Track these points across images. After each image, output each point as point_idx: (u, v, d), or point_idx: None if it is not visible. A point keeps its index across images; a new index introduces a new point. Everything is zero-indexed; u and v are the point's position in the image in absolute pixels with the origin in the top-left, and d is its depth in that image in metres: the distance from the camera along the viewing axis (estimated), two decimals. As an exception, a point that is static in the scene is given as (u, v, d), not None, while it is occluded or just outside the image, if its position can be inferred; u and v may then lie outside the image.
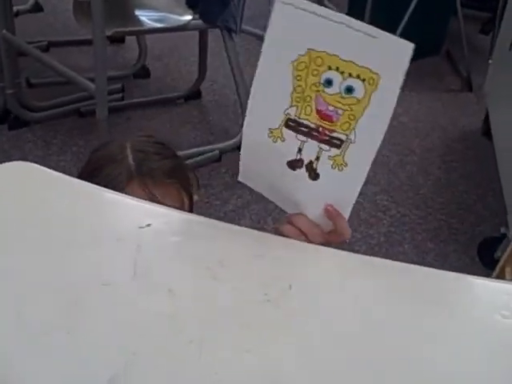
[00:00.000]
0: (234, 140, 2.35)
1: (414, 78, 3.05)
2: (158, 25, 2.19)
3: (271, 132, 0.61)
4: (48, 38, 3.08)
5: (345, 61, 0.54)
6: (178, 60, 2.98)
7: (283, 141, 0.61)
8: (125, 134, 2.47)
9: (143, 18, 2.27)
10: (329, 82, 0.57)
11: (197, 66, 2.64)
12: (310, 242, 0.66)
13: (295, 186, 0.63)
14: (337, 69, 0.55)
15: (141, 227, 0.62)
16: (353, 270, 0.63)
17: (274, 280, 0.56)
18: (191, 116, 2.61)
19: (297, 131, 0.60)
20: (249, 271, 0.58)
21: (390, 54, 0.54)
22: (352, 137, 0.58)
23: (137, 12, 2.30)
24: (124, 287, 0.55)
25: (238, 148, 2.08)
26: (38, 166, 0.77)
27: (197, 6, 2.24)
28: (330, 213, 0.64)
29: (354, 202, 0.63)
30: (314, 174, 0.62)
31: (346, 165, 0.60)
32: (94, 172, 0.95)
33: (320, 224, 0.65)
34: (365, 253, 1.62)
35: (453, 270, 1.60)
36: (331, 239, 0.66)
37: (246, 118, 0.62)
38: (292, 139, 0.60)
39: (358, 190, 0.62)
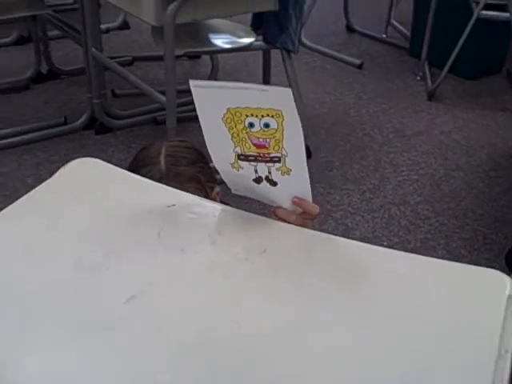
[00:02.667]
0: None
1: (471, 97, 3.20)
2: (225, 46, 2.46)
3: (232, 165, 0.85)
4: (133, 53, 3.42)
5: (255, 108, 0.77)
6: (246, 75, 3.24)
7: (242, 169, 0.85)
8: (196, 143, 2.74)
9: (214, 40, 2.55)
10: (251, 125, 0.79)
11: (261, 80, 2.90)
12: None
13: (266, 193, 0.86)
14: (252, 114, 0.78)
15: (168, 206, 0.86)
16: (313, 242, 0.85)
17: (255, 246, 0.79)
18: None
19: (248, 160, 0.84)
20: (238, 239, 0.81)
21: (279, 97, 0.76)
22: (284, 152, 0.81)
23: (210, 35, 2.58)
24: (150, 246, 0.79)
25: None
26: (100, 160, 1.04)
27: (260, 28, 2.49)
28: (296, 202, 0.87)
29: (309, 188, 0.85)
30: (273, 183, 0.86)
31: (291, 170, 0.83)
32: (134, 171, 1.20)
33: (294, 210, 0.88)
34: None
35: None
36: (306, 218, 0.89)
37: (212, 159, 0.86)
38: (247, 166, 0.84)
39: (308, 179, 0.84)
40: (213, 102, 0.79)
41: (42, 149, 2.64)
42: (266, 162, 0.83)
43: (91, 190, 0.91)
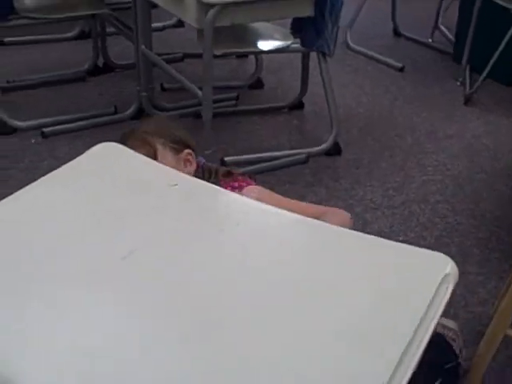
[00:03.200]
0: (321, 146, 2.72)
1: (507, 103, 3.26)
2: (264, 47, 2.64)
3: None
4: (184, 50, 3.61)
5: None
6: (290, 75, 3.39)
7: None
8: (233, 136, 2.92)
9: (254, 42, 2.71)
10: None
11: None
12: None
13: None
14: None
15: (171, 185, 1.04)
16: (282, 223, 1.00)
17: (229, 220, 0.95)
18: (291, 124, 3.01)
19: None
20: (217, 215, 0.97)
21: None
22: None
23: (251, 37, 2.74)
24: (151, 210, 0.97)
25: (326, 153, 2.51)
26: (120, 145, 1.22)
27: (299, 32, 2.64)
28: None
29: None
30: None
31: None
32: None
33: None
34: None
35: (492, 274, 1.97)
36: None
37: None
38: None
39: None
40: None
41: (91, 135, 2.85)
42: None
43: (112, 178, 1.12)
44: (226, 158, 2.66)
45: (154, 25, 3.31)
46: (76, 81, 3.34)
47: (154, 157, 1.56)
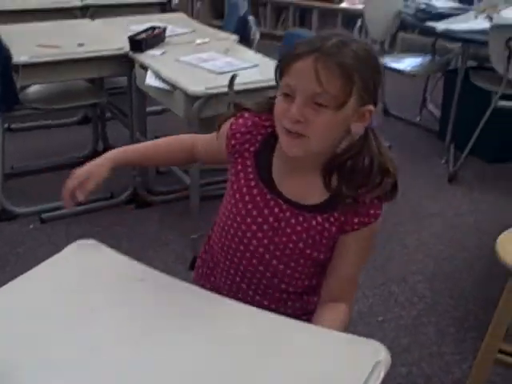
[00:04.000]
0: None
1: (490, 180, 3.37)
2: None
3: None
4: (175, 133, 3.77)
5: None
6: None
7: None
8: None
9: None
10: None
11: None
12: None
13: None
14: None
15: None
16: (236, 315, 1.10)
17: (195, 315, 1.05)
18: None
19: None
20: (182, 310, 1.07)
21: None
22: None
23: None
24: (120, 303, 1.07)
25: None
26: (100, 243, 1.33)
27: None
28: None
29: None
30: None
31: None
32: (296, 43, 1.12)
33: None
34: (392, 330, 2.00)
35: (467, 354, 2.05)
36: None
37: None
38: None
39: None
40: None
41: (88, 220, 2.98)
42: None
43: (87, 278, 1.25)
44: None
45: (153, 108, 3.49)
46: (76, 165, 3.48)
47: (347, 95, 1.08)
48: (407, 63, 3.89)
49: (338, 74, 1.07)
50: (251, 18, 3.36)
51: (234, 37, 3.10)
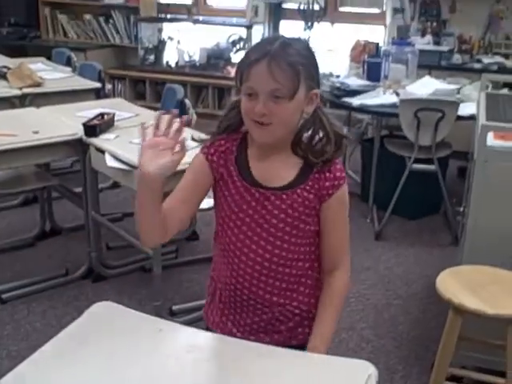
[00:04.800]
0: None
1: (412, 235, 3.77)
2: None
3: None
4: (123, 209, 3.98)
5: None
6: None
7: None
8: (177, 285, 3.24)
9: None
10: None
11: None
12: None
13: None
14: None
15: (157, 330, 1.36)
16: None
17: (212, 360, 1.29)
18: (228, 270, 3.37)
19: None
20: (200, 356, 1.31)
21: None
22: None
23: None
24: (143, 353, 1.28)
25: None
26: (119, 306, 1.54)
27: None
28: None
29: None
30: None
31: None
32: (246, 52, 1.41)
33: None
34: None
35: None
36: None
37: None
38: None
39: None
40: None
41: (47, 297, 3.11)
42: None
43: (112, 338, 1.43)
44: (173, 307, 2.96)
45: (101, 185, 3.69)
46: (26, 246, 3.62)
47: (297, 86, 1.36)
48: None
49: (287, 71, 1.35)
50: (187, 101, 3.68)
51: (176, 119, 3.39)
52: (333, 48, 6.01)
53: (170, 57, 6.64)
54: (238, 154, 1.48)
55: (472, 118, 3.34)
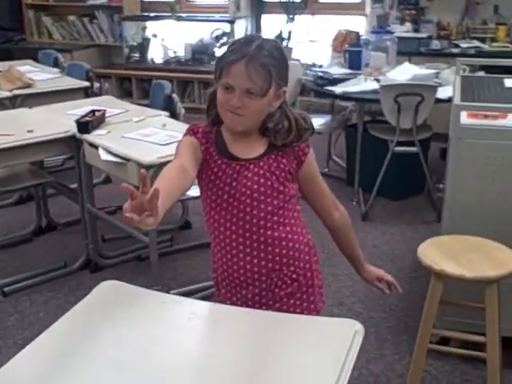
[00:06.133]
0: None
1: (397, 214, 3.91)
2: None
3: None
4: (116, 203, 4.08)
5: None
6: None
7: None
8: (173, 272, 3.36)
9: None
10: None
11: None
12: None
13: None
14: None
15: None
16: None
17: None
18: (222, 255, 3.50)
19: None
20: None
21: None
22: None
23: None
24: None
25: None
26: (124, 283, 1.65)
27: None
28: None
29: None
30: None
31: None
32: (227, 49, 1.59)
33: None
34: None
35: (404, 353, 2.50)
36: None
37: None
38: None
39: None
40: None
41: (48, 288, 3.23)
42: None
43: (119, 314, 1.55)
44: (170, 292, 3.08)
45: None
46: (24, 242, 3.73)
47: (269, 85, 1.55)
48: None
49: (262, 73, 1.53)
50: (175, 96, 3.79)
51: (165, 113, 3.50)
52: (314, 39, 6.14)
53: (154, 54, 6.75)
54: (216, 136, 1.66)
55: (450, 100, 3.47)
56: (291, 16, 6.04)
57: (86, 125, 3.13)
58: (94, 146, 3.04)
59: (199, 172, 1.64)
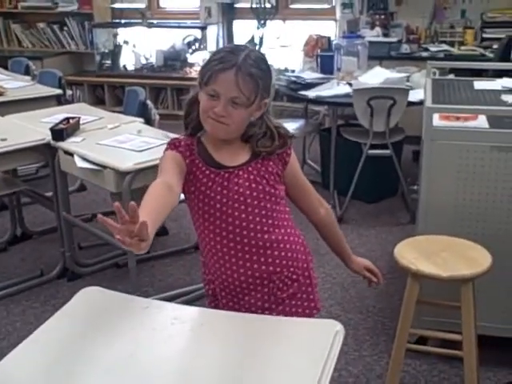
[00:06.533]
0: (229, 275, 3.21)
1: (372, 216, 3.95)
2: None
3: None
4: (91, 210, 4.07)
5: None
6: (189, 221, 3.90)
7: None
8: (150, 278, 3.36)
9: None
10: None
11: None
12: None
13: None
14: None
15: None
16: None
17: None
18: (199, 261, 3.50)
19: None
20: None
21: None
22: None
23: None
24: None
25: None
26: (105, 289, 1.65)
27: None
28: None
29: None
30: None
31: None
32: (212, 55, 1.60)
33: None
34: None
35: (383, 354, 2.54)
36: None
37: None
38: None
39: None
40: None
41: (24, 298, 3.20)
42: None
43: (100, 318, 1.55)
44: (149, 298, 3.07)
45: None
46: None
47: (255, 96, 1.57)
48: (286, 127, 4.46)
49: (250, 82, 1.55)
50: (149, 102, 3.79)
51: (140, 119, 3.50)
52: (286, 44, 6.19)
53: (126, 61, 6.73)
54: (198, 147, 1.66)
55: (422, 103, 3.53)
56: (262, 22, 6.08)
57: (61, 132, 3.12)
58: (70, 154, 3.03)
59: (187, 186, 1.63)
